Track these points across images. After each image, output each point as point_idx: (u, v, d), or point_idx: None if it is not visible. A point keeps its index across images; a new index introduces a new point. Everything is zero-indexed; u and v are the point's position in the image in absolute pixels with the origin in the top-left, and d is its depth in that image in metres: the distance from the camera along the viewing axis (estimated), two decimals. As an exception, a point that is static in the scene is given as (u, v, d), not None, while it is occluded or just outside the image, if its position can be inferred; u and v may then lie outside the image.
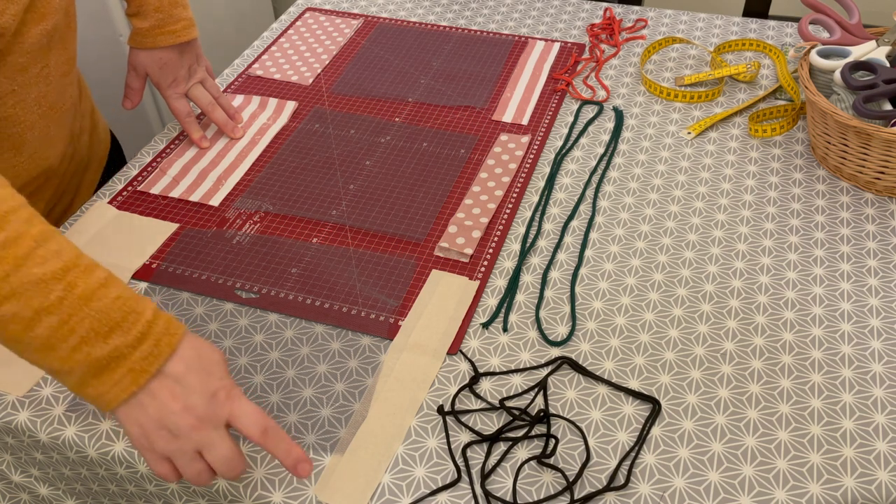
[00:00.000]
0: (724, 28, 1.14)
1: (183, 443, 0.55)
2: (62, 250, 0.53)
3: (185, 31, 0.91)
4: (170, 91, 0.94)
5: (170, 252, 0.82)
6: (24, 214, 0.53)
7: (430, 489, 0.61)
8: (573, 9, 1.20)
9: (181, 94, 0.95)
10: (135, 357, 0.54)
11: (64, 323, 0.52)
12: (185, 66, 0.94)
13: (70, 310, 0.52)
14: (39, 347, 0.53)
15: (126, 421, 0.55)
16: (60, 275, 0.52)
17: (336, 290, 0.77)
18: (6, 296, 0.51)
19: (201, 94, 0.95)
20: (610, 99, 1.01)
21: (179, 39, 0.91)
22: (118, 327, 0.53)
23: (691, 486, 0.61)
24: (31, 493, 0.72)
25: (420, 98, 1.02)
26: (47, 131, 0.84)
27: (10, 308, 0.51)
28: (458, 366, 0.70)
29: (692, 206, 0.85)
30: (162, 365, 0.55)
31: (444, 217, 0.84)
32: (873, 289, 0.76)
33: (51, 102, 0.83)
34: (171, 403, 0.55)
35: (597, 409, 0.67)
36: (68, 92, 0.86)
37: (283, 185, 0.89)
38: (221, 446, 0.56)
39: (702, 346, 0.71)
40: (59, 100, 0.84)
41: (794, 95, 0.97)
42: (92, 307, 0.53)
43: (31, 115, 0.80)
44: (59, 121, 0.86)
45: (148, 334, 0.54)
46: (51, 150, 0.86)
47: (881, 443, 0.64)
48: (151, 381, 0.55)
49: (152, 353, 0.55)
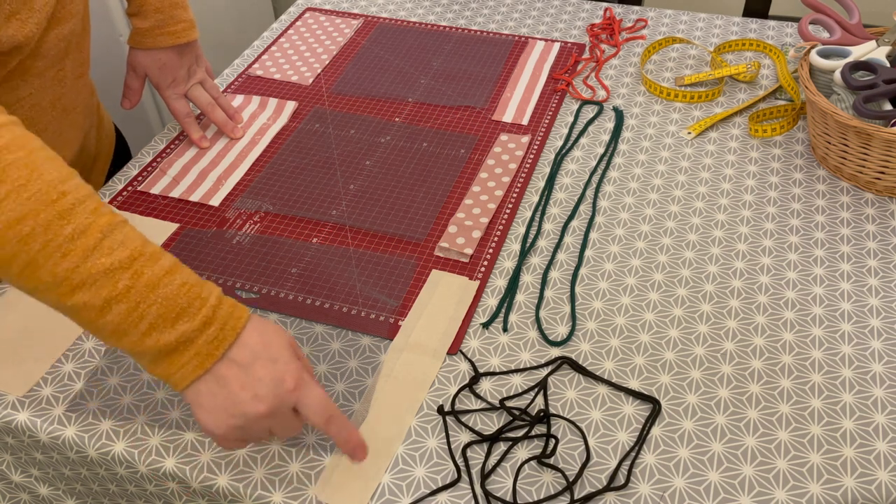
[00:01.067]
0: (724, 28, 1.14)
1: (252, 430, 0.58)
2: (127, 239, 0.55)
3: (185, 33, 0.91)
4: (169, 91, 0.94)
5: (170, 252, 0.81)
6: (91, 205, 0.55)
7: (430, 489, 0.61)
8: (573, 9, 1.20)
9: (180, 95, 0.94)
10: (201, 341, 0.56)
11: (133, 310, 0.54)
12: (185, 67, 0.94)
13: (138, 297, 0.54)
14: (112, 333, 0.55)
15: (195, 406, 0.57)
16: (127, 264, 0.54)
17: (336, 290, 0.77)
18: (77, 286, 0.53)
19: (200, 95, 0.95)
20: (610, 99, 1.01)
21: (179, 40, 0.91)
22: (184, 313, 0.55)
23: (691, 486, 0.61)
24: (31, 493, 0.72)
25: (420, 98, 1.02)
26: (61, 133, 0.84)
27: (81, 297, 0.54)
28: (458, 366, 0.70)
29: (692, 206, 0.85)
30: (227, 349, 0.57)
31: (444, 217, 0.84)
32: (873, 289, 0.76)
33: (65, 105, 0.83)
34: (240, 393, 0.56)
35: (597, 409, 0.67)
36: (83, 94, 0.87)
37: (283, 185, 0.89)
38: (289, 429, 0.60)
39: (702, 346, 0.71)
40: (74, 102, 0.85)
41: (794, 95, 0.97)
42: (158, 294, 0.55)
43: (46, 117, 0.80)
44: (73, 122, 0.86)
45: (213, 319, 0.56)
46: (65, 149, 0.86)
47: (881, 443, 0.64)
48: (218, 365, 0.57)
49: (217, 338, 0.56)
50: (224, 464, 0.63)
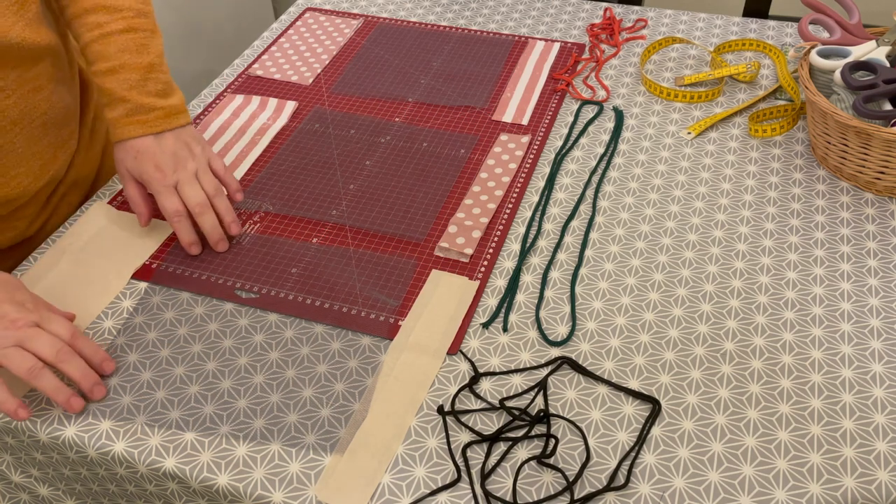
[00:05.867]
0: (724, 28, 1.14)
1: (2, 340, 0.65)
2: None
3: (157, 122, 0.80)
4: (156, 185, 0.79)
5: (170, 252, 0.82)
6: None
7: (430, 489, 0.61)
8: (573, 9, 1.20)
9: (169, 189, 0.79)
10: None
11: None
12: (168, 154, 0.80)
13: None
14: None
15: None
16: None
17: (336, 290, 0.77)
18: None
19: (191, 195, 0.79)
20: (610, 99, 1.01)
21: (153, 129, 0.80)
22: None
23: (691, 486, 0.61)
24: (31, 493, 0.72)
25: (420, 98, 1.02)
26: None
27: None
28: (458, 366, 0.70)
29: (692, 206, 0.85)
30: None
31: (444, 217, 0.84)
32: (873, 289, 0.76)
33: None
34: None
35: (597, 409, 0.67)
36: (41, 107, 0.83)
37: (283, 185, 0.89)
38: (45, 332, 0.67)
39: (702, 346, 0.71)
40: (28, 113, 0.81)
41: (794, 95, 0.97)
42: None
43: None
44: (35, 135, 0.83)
45: None
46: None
47: (881, 443, 0.64)
48: None
49: None
50: (224, 464, 0.63)
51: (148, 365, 0.71)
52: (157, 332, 0.74)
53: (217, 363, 0.71)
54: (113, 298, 0.77)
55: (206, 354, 0.72)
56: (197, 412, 0.67)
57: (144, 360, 0.72)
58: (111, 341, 0.73)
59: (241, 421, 0.66)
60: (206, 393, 0.69)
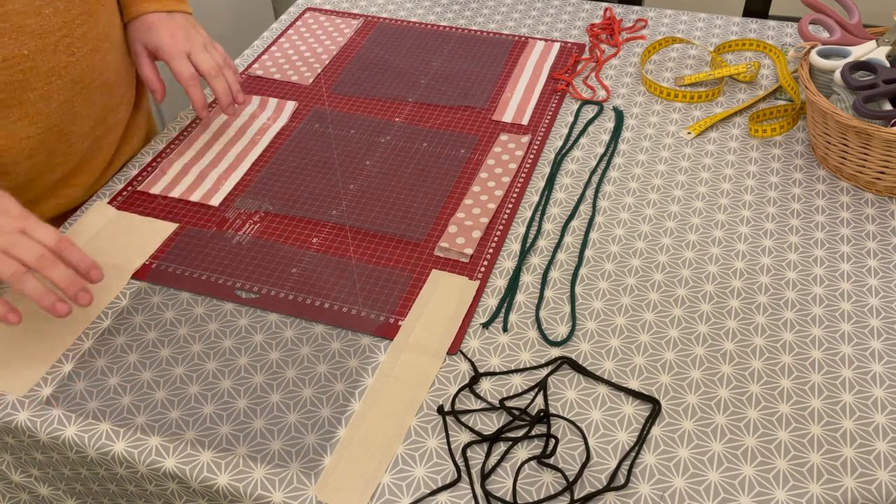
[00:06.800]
0: (724, 28, 1.14)
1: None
2: None
3: (169, 2, 0.88)
4: (169, 51, 0.87)
5: (170, 252, 0.82)
6: None
7: (430, 489, 0.61)
8: (573, 9, 1.20)
9: (182, 54, 0.87)
10: None
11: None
12: (179, 27, 0.88)
13: None
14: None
15: None
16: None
17: (336, 290, 0.77)
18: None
19: (204, 59, 0.87)
20: (610, 99, 1.01)
21: (165, 7, 0.87)
22: None
23: (691, 486, 0.61)
24: (31, 493, 0.72)
25: (420, 98, 1.02)
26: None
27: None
28: (458, 366, 0.70)
29: (692, 206, 0.85)
30: None
31: (444, 217, 0.84)
32: (873, 289, 0.76)
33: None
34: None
35: (597, 409, 0.67)
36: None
37: (283, 186, 0.89)
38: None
39: (702, 346, 0.71)
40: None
41: (794, 95, 0.97)
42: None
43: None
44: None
45: None
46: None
47: (881, 443, 0.64)
48: None
49: None
50: (224, 464, 0.63)
51: (148, 365, 0.71)
52: (157, 332, 0.74)
53: (217, 363, 0.71)
54: (113, 298, 0.77)
55: (206, 354, 0.72)
56: (197, 412, 0.67)
57: (144, 360, 0.72)
58: (111, 341, 0.73)
59: (241, 421, 0.66)
60: (206, 393, 0.69)
